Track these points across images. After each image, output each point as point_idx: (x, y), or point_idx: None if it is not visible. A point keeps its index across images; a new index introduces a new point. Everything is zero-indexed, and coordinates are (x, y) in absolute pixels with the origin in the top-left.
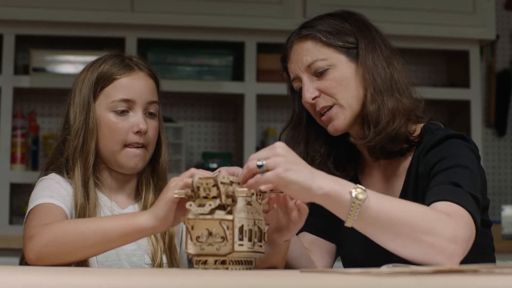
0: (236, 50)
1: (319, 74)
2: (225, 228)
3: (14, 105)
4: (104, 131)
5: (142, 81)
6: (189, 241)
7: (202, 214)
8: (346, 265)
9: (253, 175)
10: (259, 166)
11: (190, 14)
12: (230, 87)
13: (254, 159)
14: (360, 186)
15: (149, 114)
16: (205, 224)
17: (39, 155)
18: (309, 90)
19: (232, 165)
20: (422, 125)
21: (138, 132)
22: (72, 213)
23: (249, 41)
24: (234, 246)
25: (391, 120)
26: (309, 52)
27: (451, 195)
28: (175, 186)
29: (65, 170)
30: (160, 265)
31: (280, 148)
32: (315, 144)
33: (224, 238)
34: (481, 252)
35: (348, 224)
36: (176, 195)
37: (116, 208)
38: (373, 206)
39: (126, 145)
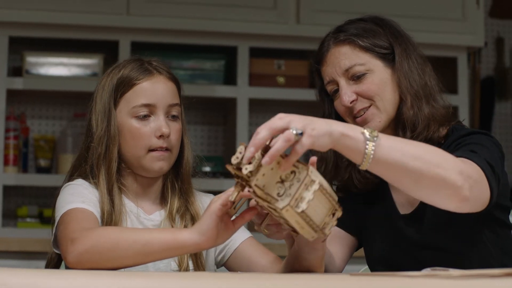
0: (228, 54)
1: (356, 78)
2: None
3: (7, 107)
4: (127, 137)
5: (162, 85)
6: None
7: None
8: (372, 262)
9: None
10: (298, 134)
11: (184, 18)
12: (222, 91)
13: (273, 127)
14: (368, 128)
15: (171, 117)
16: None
17: (29, 158)
18: (347, 93)
19: (223, 169)
20: (449, 126)
21: (161, 136)
22: (100, 218)
23: (242, 45)
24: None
25: (427, 126)
26: (347, 57)
27: (466, 155)
28: (218, 200)
29: (90, 177)
30: (187, 270)
31: (285, 114)
32: None
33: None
34: (504, 255)
35: (363, 166)
36: (231, 198)
37: (142, 214)
38: (385, 144)
39: (150, 150)
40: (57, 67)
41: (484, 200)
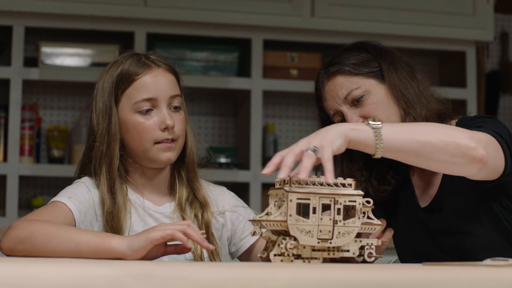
0: (242, 46)
1: (357, 101)
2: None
3: (23, 97)
4: (132, 133)
5: (162, 77)
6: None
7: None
8: (402, 254)
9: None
10: (315, 150)
11: (199, 10)
12: (236, 82)
13: (297, 151)
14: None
15: (174, 108)
16: None
17: (41, 148)
18: (353, 118)
19: (237, 160)
20: (457, 120)
21: (165, 129)
22: (96, 218)
23: (256, 37)
24: None
25: None
26: (342, 86)
27: (473, 129)
28: (160, 233)
29: (94, 176)
30: (201, 258)
31: (303, 139)
32: (353, 165)
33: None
34: None
35: (378, 153)
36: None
37: (151, 207)
38: (390, 128)
39: (156, 142)
40: (72, 58)
41: (499, 167)
